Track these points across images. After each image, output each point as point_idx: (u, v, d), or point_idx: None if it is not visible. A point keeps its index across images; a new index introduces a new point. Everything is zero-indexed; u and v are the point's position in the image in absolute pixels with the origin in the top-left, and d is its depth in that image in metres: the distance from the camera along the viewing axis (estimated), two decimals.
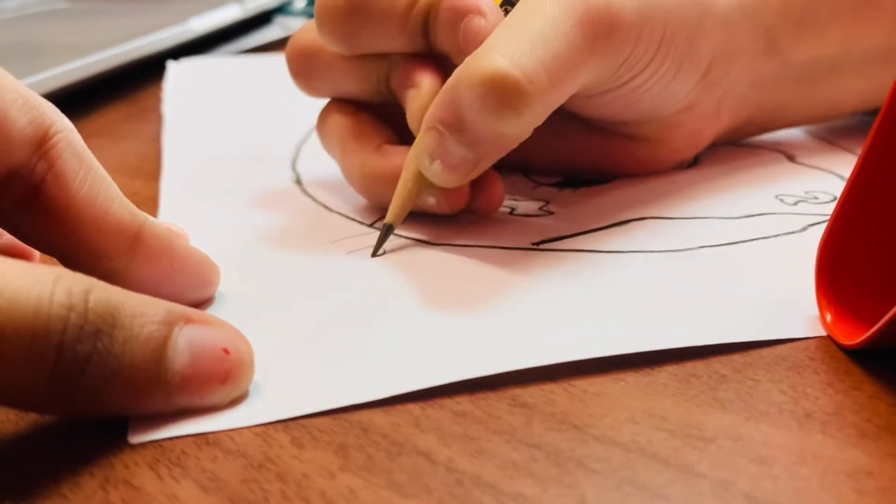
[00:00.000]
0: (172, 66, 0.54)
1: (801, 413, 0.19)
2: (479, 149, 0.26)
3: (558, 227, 0.29)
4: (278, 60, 0.35)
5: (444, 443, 0.18)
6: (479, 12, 0.27)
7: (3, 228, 0.22)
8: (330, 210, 0.31)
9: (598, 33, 0.26)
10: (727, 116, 0.34)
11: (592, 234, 0.28)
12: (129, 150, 0.41)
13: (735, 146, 0.37)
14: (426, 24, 0.28)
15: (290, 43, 0.31)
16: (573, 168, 0.34)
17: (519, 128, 0.25)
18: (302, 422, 0.19)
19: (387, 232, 0.27)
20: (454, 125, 0.25)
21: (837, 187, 0.31)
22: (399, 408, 0.19)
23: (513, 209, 0.31)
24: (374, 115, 0.31)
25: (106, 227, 0.21)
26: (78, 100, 0.48)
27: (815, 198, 0.31)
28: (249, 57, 0.57)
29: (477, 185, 0.29)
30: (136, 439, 0.18)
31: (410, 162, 0.27)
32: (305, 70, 0.31)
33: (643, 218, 0.30)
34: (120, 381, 0.17)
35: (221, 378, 0.19)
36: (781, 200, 0.31)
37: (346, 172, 0.31)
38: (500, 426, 0.19)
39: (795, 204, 0.30)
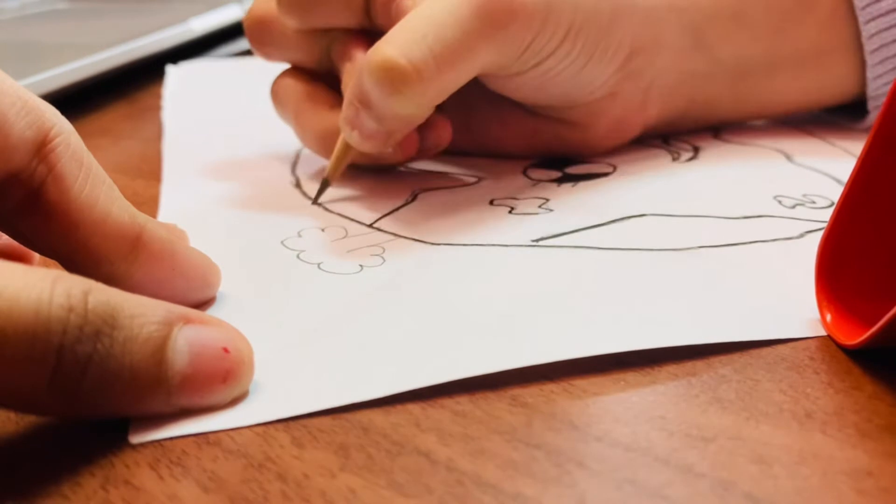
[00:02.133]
0: (171, 70, 0.54)
1: (802, 413, 0.19)
2: (384, 124, 0.29)
3: (558, 224, 0.29)
4: (278, 63, 0.36)
5: (444, 443, 0.18)
6: None
7: (3, 232, 0.22)
8: (329, 211, 0.31)
9: (496, 21, 0.28)
10: (656, 107, 0.36)
11: (592, 230, 0.28)
12: (130, 150, 0.41)
13: (733, 144, 0.37)
14: (368, 2, 0.32)
15: (248, 12, 0.35)
16: (513, 150, 0.36)
17: (411, 108, 0.28)
18: (302, 422, 0.19)
19: (324, 185, 0.32)
20: (363, 101, 0.29)
21: (834, 192, 0.32)
22: (399, 408, 0.19)
23: (512, 207, 0.31)
24: (327, 83, 0.34)
25: (106, 231, 0.21)
26: (78, 100, 0.48)
27: (813, 202, 0.31)
28: (248, 59, 0.57)
29: (424, 128, 0.32)
30: (136, 439, 0.18)
31: (341, 126, 0.30)
32: (260, 37, 0.34)
33: (643, 215, 0.30)
34: (120, 382, 0.17)
35: (221, 377, 0.19)
36: (780, 202, 0.31)
37: (301, 132, 0.34)
38: (500, 426, 0.19)
39: (793, 207, 0.30)
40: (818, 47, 0.36)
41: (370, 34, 0.31)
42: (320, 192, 0.32)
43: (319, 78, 0.34)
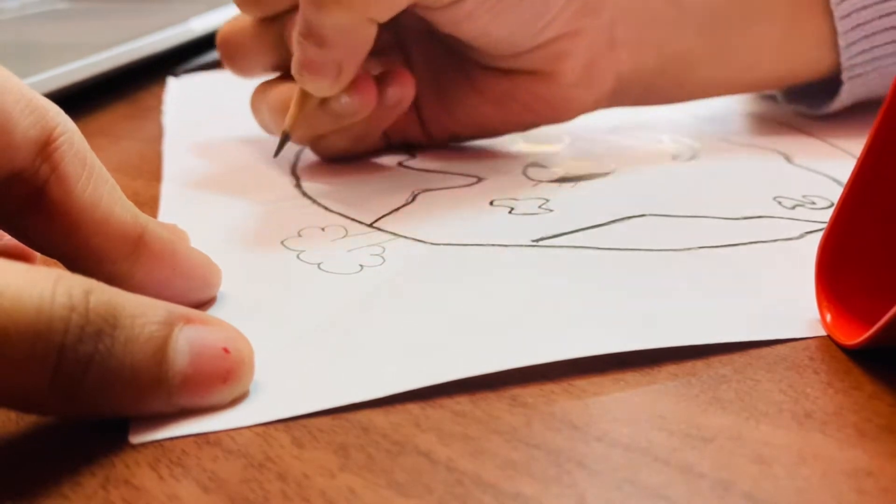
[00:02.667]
0: (172, 83, 0.54)
1: (801, 413, 0.19)
2: (331, 49, 0.29)
3: (558, 224, 0.29)
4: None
5: (444, 443, 0.18)
6: None
7: (6, 231, 0.22)
8: (330, 211, 0.31)
9: None
10: (625, 55, 0.35)
11: (592, 230, 0.28)
12: (130, 150, 0.41)
13: (733, 144, 0.37)
14: None
15: (217, 35, 0.36)
16: (492, 120, 0.36)
17: (348, 19, 0.29)
18: (302, 421, 0.19)
19: (283, 139, 0.33)
20: (304, 31, 0.29)
21: (833, 193, 0.32)
22: (399, 408, 0.20)
23: (512, 208, 0.31)
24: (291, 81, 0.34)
25: (108, 231, 0.21)
26: (78, 100, 0.48)
27: (813, 203, 0.31)
28: None
29: (383, 79, 0.33)
30: (137, 439, 0.18)
31: (293, 73, 0.31)
32: (229, 52, 0.36)
33: (643, 215, 0.30)
34: (121, 382, 0.17)
35: (222, 377, 0.19)
36: (780, 203, 0.31)
37: (258, 114, 0.35)
38: (500, 426, 0.19)
39: (793, 208, 0.30)
40: (791, 3, 0.36)
41: None
42: (281, 145, 0.33)
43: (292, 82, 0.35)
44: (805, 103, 0.40)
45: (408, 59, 0.37)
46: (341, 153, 0.36)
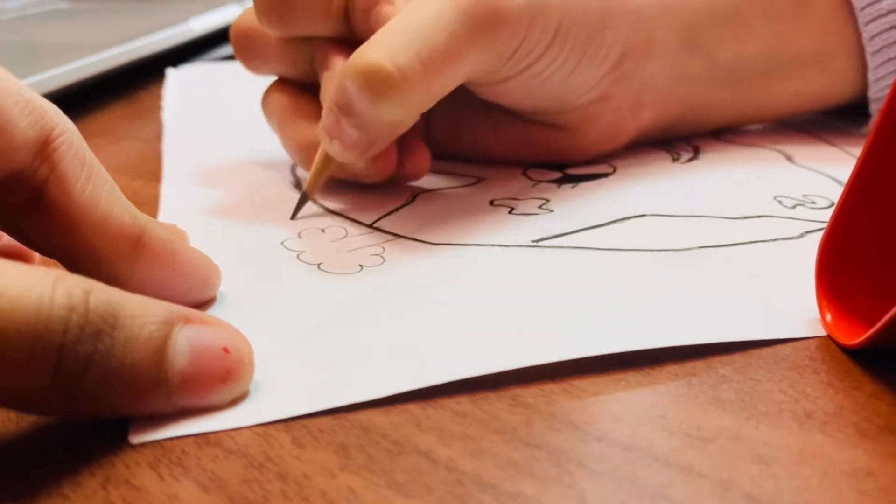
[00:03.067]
0: (171, 73, 0.54)
1: (802, 413, 0.19)
2: (368, 132, 0.28)
3: (558, 224, 0.29)
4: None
5: (444, 443, 0.18)
6: (389, 1, 0.30)
7: (5, 231, 0.22)
8: (330, 212, 0.31)
9: (483, 26, 0.28)
10: (650, 111, 0.35)
11: (592, 231, 0.28)
12: (130, 150, 0.41)
13: (734, 145, 0.37)
14: (347, 10, 0.31)
15: (232, 25, 0.34)
16: (505, 157, 0.36)
17: (397, 115, 0.28)
18: (302, 421, 0.19)
19: (302, 199, 0.31)
20: (345, 109, 0.28)
21: (834, 192, 0.32)
22: (399, 408, 0.19)
23: (512, 208, 0.31)
24: (313, 94, 0.33)
25: (108, 231, 0.21)
26: (78, 100, 0.48)
27: (813, 202, 0.31)
28: None
29: (403, 151, 0.32)
30: (137, 439, 0.18)
31: (320, 136, 0.30)
32: (245, 50, 0.34)
33: (643, 215, 0.30)
34: (121, 382, 0.17)
35: (222, 377, 0.19)
36: (780, 202, 0.31)
37: (284, 142, 0.34)
38: (500, 426, 0.19)
39: (794, 207, 0.30)
40: (818, 48, 0.36)
41: (351, 43, 0.30)
42: (299, 206, 0.31)
43: (306, 90, 0.34)
44: (833, 114, 0.40)
45: None
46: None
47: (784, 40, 0.35)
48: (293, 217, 0.31)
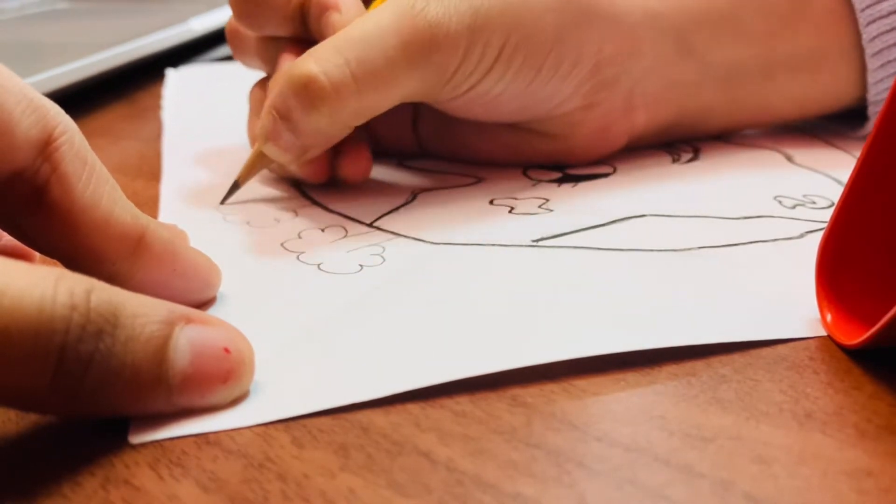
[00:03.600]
0: (171, 74, 0.54)
1: (802, 413, 0.19)
2: (302, 137, 0.29)
3: (558, 224, 0.29)
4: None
5: (444, 443, 0.18)
6: (336, 8, 0.31)
7: (6, 231, 0.22)
8: (329, 210, 0.31)
9: (419, 50, 0.28)
10: (643, 115, 0.35)
11: (592, 231, 0.28)
12: (130, 150, 0.41)
13: (733, 145, 0.37)
14: (303, 14, 0.32)
15: (228, 21, 0.37)
16: (494, 159, 0.36)
17: (330, 125, 0.29)
18: (302, 422, 0.19)
19: (234, 187, 0.32)
20: (282, 113, 0.29)
21: (834, 192, 0.32)
22: (399, 408, 0.20)
23: (512, 207, 0.31)
24: None
25: (109, 231, 0.21)
26: (78, 100, 0.48)
27: (813, 202, 0.31)
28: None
29: (341, 155, 0.32)
30: (137, 439, 0.18)
31: (257, 135, 0.30)
32: (234, 46, 0.37)
33: (643, 215, 0.30)
34: (121, 381, 0.17)
35: (222, 377, 0.19)
36: (780, 202, 0.31)
37: (248, 133, 0.35)
38: (500, 426, 0.19)
39: (794, 207, 0.30)
40: (816, 51, 0.35)
41: (310, 44, 0.30)
42: (230, 193, 0.32)
43: None
44: (831, 117, 0.40)
45: None
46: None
47: (780, 42, 0.35)
48: (223, 202, 0.32)
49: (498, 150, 0.35)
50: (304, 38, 0.32)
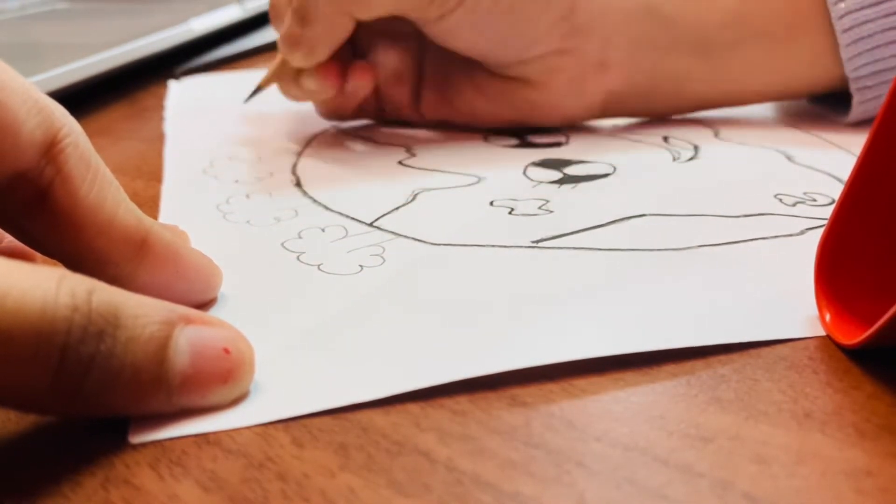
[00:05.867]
0: (173, 86, 0.54)
1: (801, 413, 0.19)
2: (311, 28, 0.35)
3: (558, 225, 0.29)
4: None
5: (443, 442, 0.18)
6: None
7: (9, 232, 0.22)
8: (330, 210, 0.31)
9: None
10: (617, 73, 0.38)
11: (592, 231, 0.29)
12: (130, 150, 0.41)
13: (734, 145, 0.37)
14: None
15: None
16: (488, 117, 0.40)
17: (332, 10, 0.35)
18: (302, 421, 0.19)
19: (256, 90, 0.41)
20: (296, 7, 0.35)
21: (835, 190, 0.32)
22: (399, 407, 0.20)
23: (512, 208, 0.31)
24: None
25: (112, 233, 0.21)
26: (78, 100, 0.48)
27: (814, 200, 0.31)
28: (248, 72, 0.57)
29: (348, 71, 0.38)
30: (137, 439, 0.18)
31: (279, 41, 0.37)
32: (272, 18, 0.41)
33: (643, 215, 0.30)
34: (122, 382, 0.17)
35: (222, 378, 0.19)
36: (780, 200, 0.31)
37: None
38: (500, 426, 0.19)
39: (794, 205, 0.30)
40: (788, 21, 0.37)
41: None
42: (253, 94, 0.41)
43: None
44: (827, 106, 0.40)
45: (421, 47, 0.40)
46: (327, 118, 0.42)
47: (750, 9, 0.37)
48: (245, 101, 0.42)
49: (492, 104, 0.39)
50: None
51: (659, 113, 0.40)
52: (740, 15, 0.37)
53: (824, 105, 0.41)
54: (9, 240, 0.24)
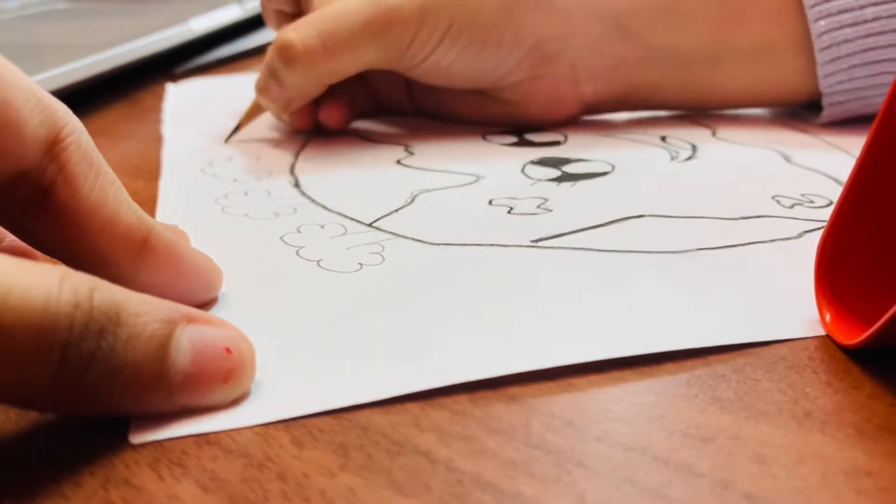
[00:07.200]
0: (171, 89, 0.54)
1: (801, 412, 0.19)
2: (284, 91, 0.38)
3: (557, 224, 0.29)
4: None
5: (443, 442, 0.18)
6: None
7: (11, 231, 0.22)
8: (329, 210, 0.31)
9: (378, 27, 0.36)
10: (590, 88, 0.40)
11: (591, 231, 0.29)
12: (130, 150, 0.41)
13: (732, 145, 0.37)
14: None
15: None
16: (472, 119, 0.42)
17: (304, 81, 0.37)
18: (302, 421, 0.19)
19: (235, 128, 0.41)
20: (270, 70, 0.37)
21: (832, 191, 0.32)
22: (399, 407, 0.20)
23: (511, 207, 0.31)
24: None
25: (114, 233, 0.21)
26: (78, 100, 0.48)
27: (811, 201, 0.31)
28: (246, 75, 0.57)
29: (321, 106, 0.40)
30: (137, 439, 0.18)
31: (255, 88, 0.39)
32: (264, 15, 0.45)
33: (641, 216, 0.30)
34: (123, 380, 0.17)
35: (223, 377, 0.19)
36: (778, 202, 0.31)
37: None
38: (500, 426, 0.19)
39: (792, 207, 0.30)
40: (766, 41, 0.38)
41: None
42: (232, 134, 0.41)
43: None
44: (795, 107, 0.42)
45: None
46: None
47: (729, 30, 0.38)
48: (226, 141, 0.41)
49: (469, 111, 0.42)
50: (301, 12, 0.41)
51: (640, 110, 0.42)
52: (716, 38, 0.38)
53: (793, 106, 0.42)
54: (10, 238, 0.24)
